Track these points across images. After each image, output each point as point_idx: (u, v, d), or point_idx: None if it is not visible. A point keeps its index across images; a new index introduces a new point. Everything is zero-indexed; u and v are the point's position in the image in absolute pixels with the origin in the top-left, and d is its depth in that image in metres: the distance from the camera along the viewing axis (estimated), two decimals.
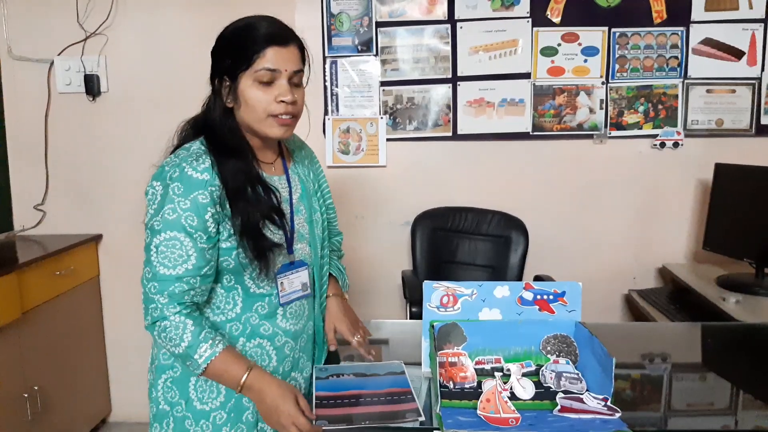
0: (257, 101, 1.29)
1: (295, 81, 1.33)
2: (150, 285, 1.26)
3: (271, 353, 1.39)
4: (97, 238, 2.99)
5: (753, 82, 2.83)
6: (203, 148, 1.31)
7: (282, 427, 1.26)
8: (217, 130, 1.32)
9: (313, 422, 1.25)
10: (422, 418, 1.25)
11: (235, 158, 1.30)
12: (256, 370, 1.29)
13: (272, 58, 1.28)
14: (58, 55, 2.87)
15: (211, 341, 1.26)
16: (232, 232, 1.29)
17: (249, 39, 1.28)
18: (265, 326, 1.38)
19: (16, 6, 2.86)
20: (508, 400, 1.27)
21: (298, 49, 1.34)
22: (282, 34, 1.31)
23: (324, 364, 1.55)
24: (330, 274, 1.61)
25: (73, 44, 2.85)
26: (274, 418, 1.27)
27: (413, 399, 1.33)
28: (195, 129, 1.37)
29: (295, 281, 1.42)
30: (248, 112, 1.31)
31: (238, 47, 1.29)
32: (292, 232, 1.41)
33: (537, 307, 1.47)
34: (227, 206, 1.28)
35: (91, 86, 2.87)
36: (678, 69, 2.85)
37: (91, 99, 2.91)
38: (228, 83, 1.31)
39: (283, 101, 1.30)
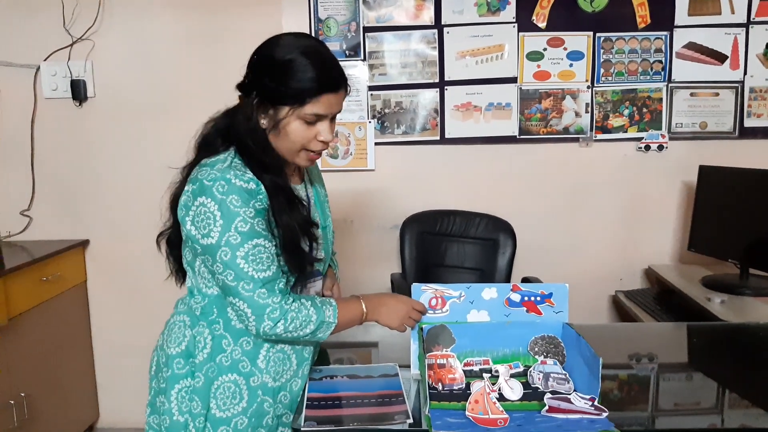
0: (298, 137, 1.30)
1: (334, 118, 1.35)
2: (257, 293, 1.26)
3: (292, 357, 1.41)
4: (84, 244, 2.98)
5: (736, 85, 2.87)
6: (238, 161, 1.29)
7: (407, 315, 1.42)
8: (251, 146, 1.30)
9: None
10: (410, 420, 1.25)
11: (271, 173, 1.30)
12: (364, 297, 1.42)
13: (324, 104, 1.28)
14: (45, 60, 2.85)
15: (325, 304, 1.33)
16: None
17: (306, 80, 1.25)
18: None
19: (1, 11, 2.84)
20: (497, 401, 1.28)
21: (345, 92, 1.33)
22: (336, 80, 1.29)
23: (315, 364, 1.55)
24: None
25: (59, 49, 2.84)
26: (398, 315, 1.42)
27: (404, 401, 1.34)
28: (222, 137, 1.35)
29: (311, 291, 1.46)
30: (284, 142, 1.31)
31: (292, 84, 1.25)
32: (317, 239, 1.43)
33: (524, 308, 1.49)
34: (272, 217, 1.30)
35: (78, 91, 2.85)
36: (662, 73, 2.88)
37: (77, 104, 2.90)
38: (268, 107, 1.29)
39: (323, 141, 1.32)
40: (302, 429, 1.24)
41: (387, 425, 1.25)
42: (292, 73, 1.25)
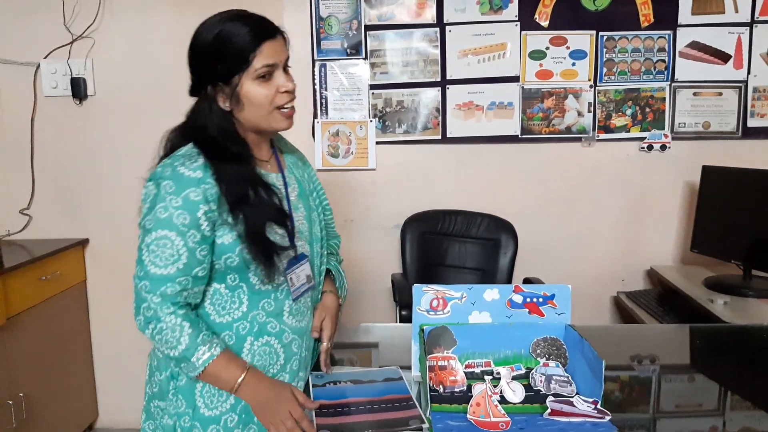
0: (263, 97, 1.28)
1: (286, 68, 1.34)
2: (141, 283, 1.24)
3: (279, 351, 1.36)
4: (83, 243, 2.97)
5: (739, 85, 2.86)
6: (195, 150, 1.28)
7: (279, 417, 1.26)
8: (214, 136, 1.29)
9: (313, 412, 1.28)
10: (426, 425, 1.24)
11: (235, 162, 1.28)
12: (252, 372, 1.29)
13: (268, 52, 1.27)
14: (45, 58, 2.84)
15: (209, 344, 1.24)
16: (234, 231, 1.27)
17: (242, 39, 1.25)
18: (272, 323, 1.35)
19: (2, 8, 2.83)
20: (498, 404, 1.27)
21: (283, 38, 1.33)
22: (270, 27, 1.30)
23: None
24: (328, 271, 1.58)
25: (59, 47, 2.83)
26: (271, 410, 1.27)
27: (414, 405, 1.32)
28: (184, 137, 1.33)
29: (301, 275, 1.40)
30: (253, 110, 1.29)
31: (231, 50, 1.25)
32: (293, 228, 1.39)
33: (527, 310, 1.47)
34: (226, 209, 1.26)
35: (78, 89, 2.85)
36: (665, 72, 2.87)
37: (77, 102, 2.89)
38: (223, 88, 1.28)
39: (286, 91, 1.31)
40: None
41: (403, 430, 1.24)
42: (225, 41, 1.26)
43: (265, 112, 1.30)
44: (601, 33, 2.84)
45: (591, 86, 2.88)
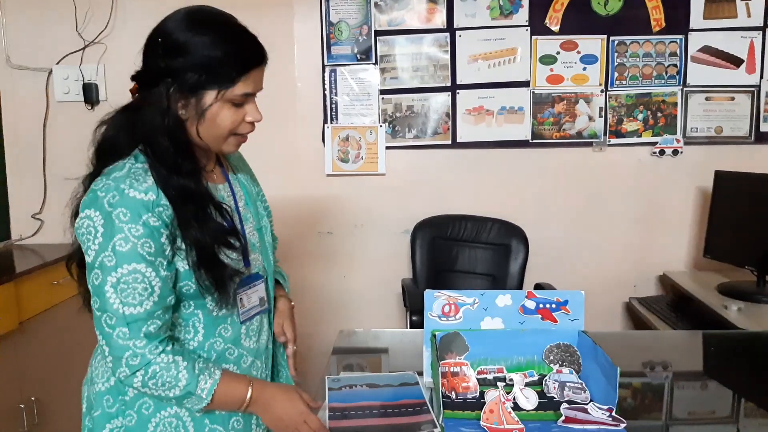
0: (227, 122, 1.16)
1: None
2: (117, 331, 1.08)
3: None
4: None
5: (752, 89, 2.84)
6: (140, 165, 1.13)
7: (294, 428, 1.20)
8: (166, 146, 1.13)
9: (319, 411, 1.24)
10: (438, 430, 1.23)
11: (183, 176, 1.14)
12: (256, 383, 1.21)
13: (254, 81, 1.16)
14: (57, 63, 2.86)
15: (207, 371, 1.14)
16: (188, 258, 1.14)
17: (231, 59, 1.13)
18: (230, 350, 1.25)
19: (15, 15, 2.86)
20: (512, 411, 1.26)
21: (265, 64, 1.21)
22: (261, 53, 1.18)
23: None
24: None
25: (71, 53, 2.85)
26: (285, 422, 1.21)
27: (428, 410, 1.32)
28: (128, 137, 1.18)
29: (253, 296, 1.30)
30: (210, 129, 1.16)
31: (216, 66, 1.12)
32: (246, 244, 1.27)
33: (539, 316, 1.46)
34: (179, 233, 1.13)
35: (90, 95, 2.86)
36: (677, 77, 2.85)
37: (89, 107, 2.91)
38: (188, 95, 1.13)
39: (251, 122, 1.20)
40: None
41: None
42: (213, 52, 1.11)
43: (223, 135, 1.18)
44: (612, 37, 2.83)
45: (602, 91, 2.87)
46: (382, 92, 2.90)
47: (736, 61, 2.83)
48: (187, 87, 1.12)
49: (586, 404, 1.25)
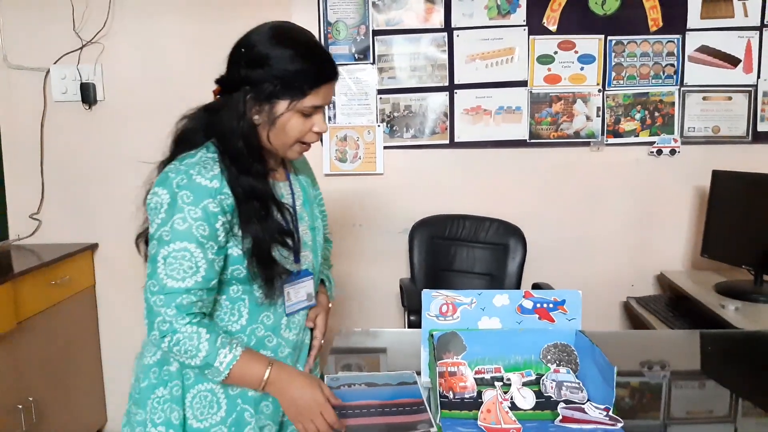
0: (295, 130, 1.26)
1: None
2: (155, 298, 1.19)
3: None
4: (93, 247, 2.98)
5: (749, 89, 2.84)
6: (211, 155, 1.24)
7: (309, 416, 1.24)
8: (240, 147, 1.24)
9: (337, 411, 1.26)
10: (434, 429, 1.23)
11: (252, 177, 1.25)
12: (277, 364, 1.26)
13: (323, 95, 1.26)
14: (54, 63, 2.86)
15: (228, 346, 1.21)
16: (243, 245, 1.25)
17: (306, 73, 1.22)
18: (269, 338, 1.33)
19: (12, 14, 2.85)
20: (509, 411, 1.26)
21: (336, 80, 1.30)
22: (334, 70, 1.28)
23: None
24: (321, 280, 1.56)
25: (69, 53, 2.85)
26: (299, 407, 1.24)
27: (425, 410, 1.32)
28: (204, 132, 1.30)
29: (300, 291, 1.38)
30: (279, 136, 1.26)
31: (290, 78, 1.22)
32: (298, 242, 1.36)
33: (537, 315, 1.47)
34: (238, 222, 1.23)
35: (87, 95, 2.86)
36: (674, 76, 2.86)
37: (87, 107, 2.90)
38: (263, 102, 1.23)
39: (317, 132, 1.29)
40: None
41: None
42: (290, 65, 1.22)
43: (289, 143, 1.28)
44: (609, 37, 2.84)
45: (599, 90, 2.87)
46: (380, 92, 2.90)
47: (733, 61, 2.83)
48: (262, 96, 1.23)
49: (583, 404, 1.26)
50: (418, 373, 1.49)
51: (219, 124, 1.26)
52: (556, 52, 2.85)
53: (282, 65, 1.22)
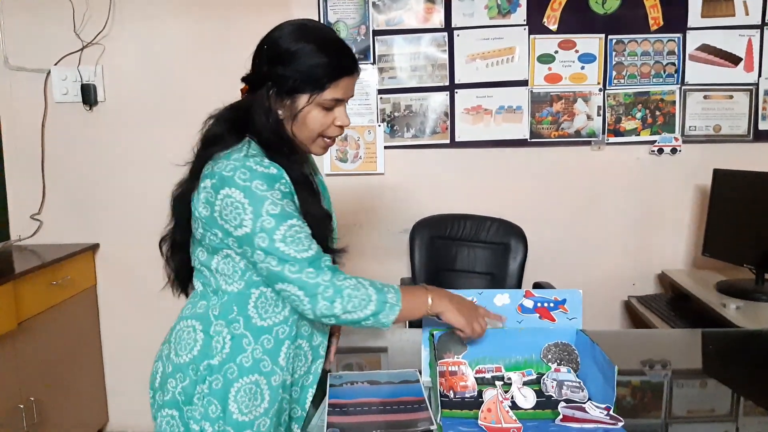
0: (317, 124, 1.29)
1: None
2: (302, 275, 1.20)
3: (309, 354, 1.38)
4: (94, 248, 2.98)
5: (750, 87, 2.84)
6: (254, 151, 1.25)
7: (475, 318, 1.33)
8: (275, 141, 1.27)
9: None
10: (434, 427, 1.24)
11: (296, 165, 1.28)
12: (427, 285, 1.35)
13: (343, 88, 1.29)
14: (55, 64, 2.86)
15: (382, 284, 1.27)
16: None
17: (325, 67, 1.25)
18: (305, 326, 1.36)
19: (12, 16, 2.85)
20: (510, 410, 1.26)
21: (358, 75, 1.34)
22: (354, 63, 1.31)
23: None
24: None
25: (69, 54, 2.85)
26: (465, 314, 1.32)
27: (426, 408, 1.32)
28: (235, 131, 1.29)
29: None
30: (302, 130, 1.30)
31: (310, 72, 1.25)
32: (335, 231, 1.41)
33: (537, 314, 1.47)
34: (295, 206, 1.26)
35: (88, 96, 2.86)
36: (675, 75, 2.85)
37: (87, 108, 2.90)
38: (285, 97, 1.27)
39: (340, 126, 1.32)
40: None
41: None
42: (308, 59, 1.25)
43: (312, 137, 1.31)
44: (610, 36, 2.83)
45: (600, 90, 2.87)
46: (381, 92, 2.90)
47: (734, 60, 2.83)
48: (284, 90, 1.26)
49: (584, 403, 1.26)
50: (420, 372, 1.49)
51: (251, 122, 1.28)
52: (556, 52, 2.85)
53: (301, 60, 1.25)
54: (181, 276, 1.42)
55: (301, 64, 1.25)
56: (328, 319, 1.24)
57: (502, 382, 1.37)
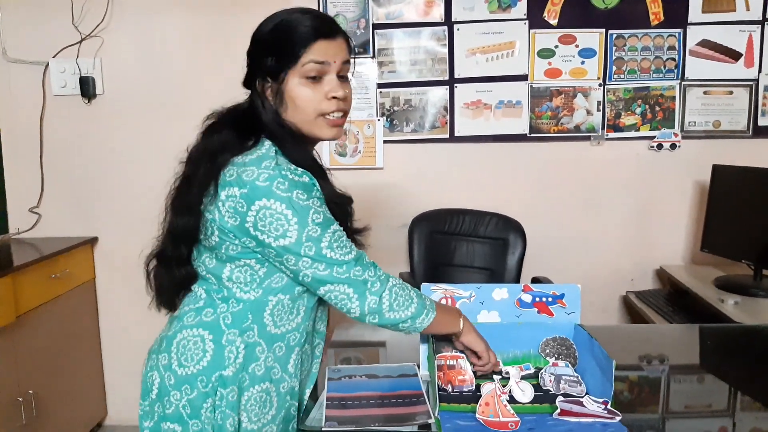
0: (306, 100, 1.23)
1: (343, 74, 1.27)
2: (350, 274, 1.21)
3: (310, 357, 1.40)
4: (92, 241, 2.98)
5: (750, 83, 2.83)
6: (280, 156, 1.20)
7: (488, 349, 1.37)
8: (285, 135, 1.23)
9: None
10: (432, 421, 1.24)
11: (308, 157, 1.26)
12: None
13: (320, 50, 1.21)
14: (54, 57, 2.85)
15: (424, 294, 1.33)
16: None
17: (294, 33, 1.20)
18: (310, 332, 1.37)
19: (11, 8, 2.84)
20: (507, 404, 1.26)
21: (345, 41, 1.26)
22: (329, 27, 1.23)
23: None
24: None
25: (68, 46, 2.84)
26: (483, 341, 1.37)
27: (424, 401, 1.32)
28: (235, 131, 1.24)
29: None
30: (297, 113, 1.24)
31: (282, 43, 1.21)
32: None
33: (536, 309, 1.47)
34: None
35: (87, 88, 2.86)
36: (675, 71, 2.85)
37: (86, 101, 2.90)
38: (271, 84, 1.24)
39: (334, 97, 1.24)
40: (323, 429, 1.23)
41: (408, 425, 1.24)
42: (279, 34, 1.22)
43: (309, 117, 1.24)
44: (610, 31, 2.83)
45: (600, 85, 2.86)
46: (380, 86, 2.89)
47: (734, 55, 2.82)
48: (268, 75, 1.23)
49: (582, 397, 1.26)
50: (418, 366, 1.50)
51: (256, 120, 1.25)
52: (556, 46, 2.84)
53: (272, 37, 1.23)
54: (170, 293, 1.37)
55: (275, 40, 1.22)
56: (373, 317, 1.23)
57: (500, 376, 1.37)
